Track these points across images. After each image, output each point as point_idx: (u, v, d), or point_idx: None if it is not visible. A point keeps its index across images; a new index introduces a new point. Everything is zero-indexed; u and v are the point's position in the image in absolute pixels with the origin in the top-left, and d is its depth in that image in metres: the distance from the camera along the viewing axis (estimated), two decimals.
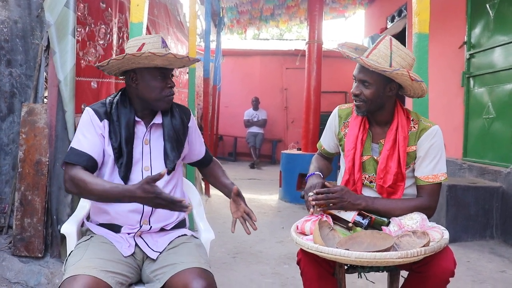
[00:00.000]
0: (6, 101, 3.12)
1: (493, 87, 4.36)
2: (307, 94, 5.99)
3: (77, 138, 1.76)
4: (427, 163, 1.82)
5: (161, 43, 1.80)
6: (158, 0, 4.89)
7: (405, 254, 1.44)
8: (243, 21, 9.10)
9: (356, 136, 1.89)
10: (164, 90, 1.79)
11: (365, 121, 1.91)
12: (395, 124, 1.85)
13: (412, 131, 1.85)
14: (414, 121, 1.87)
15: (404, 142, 1.82)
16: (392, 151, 1.83)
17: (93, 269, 1.53)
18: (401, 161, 1.81)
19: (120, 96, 1.84)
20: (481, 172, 4.30)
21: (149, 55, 1.68)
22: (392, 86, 1.80)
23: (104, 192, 1.60)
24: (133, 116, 1.80)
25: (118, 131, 1.75)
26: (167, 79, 1.81)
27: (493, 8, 4.37)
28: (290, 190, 5.81)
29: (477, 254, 3.59)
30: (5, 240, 2.97)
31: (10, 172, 3.11)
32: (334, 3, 8.22)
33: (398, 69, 1.70)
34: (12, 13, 3.08)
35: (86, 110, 1.80)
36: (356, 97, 1.83)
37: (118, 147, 1.74)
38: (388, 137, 1.84)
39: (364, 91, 1.80)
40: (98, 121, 1.76)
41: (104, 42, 3.21)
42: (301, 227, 1.79)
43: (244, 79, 11.53)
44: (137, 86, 1.80)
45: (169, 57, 1.70)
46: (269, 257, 3.53)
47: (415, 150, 1.84)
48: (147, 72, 1.77)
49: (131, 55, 1.70)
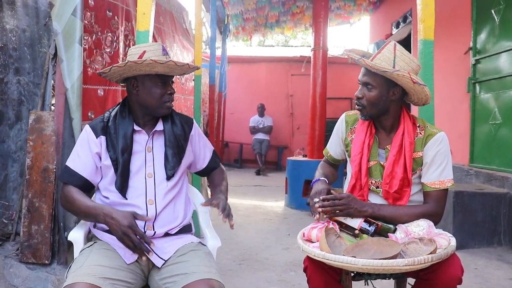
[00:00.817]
0: (14, 108, 3.15)
1: (499, 92, 4.35)
2: (313, 101, 5.99)
3: (72, 156, 1.86)
4: (434, 169, 1.82)
5: (161, 50, 1.84)
6: (164, 8, 4.93)
7: (412, 261, 1.43)
8: (249, 28, 9.15)
9: (363, 141, 1.90)
10: (164, 96, 1.84)
11: (371, 127, 1.91)
12: (401, 129, 1.85)
13: (418, 137, 1.85)
14: (420, 127, 1.88)
15: (410, 147, 1.82)
16: (398, 157, 1.83)
17: (91, 276, 1.53)
18: (407, 166, 1.81)
19: (119, 107, 1.90)
20: (488, 178, 4.28)
21: (150, 63, 1.74)
22: (396, 91, 1.81)
23: (86, 208, 1.73)
24: (131, 126, 1.84)
25: (116, 142, 1.81)
26: (167, 86, 1.86)
27: (498, 13, 4.36)
28: (296, 197, 5.79)
29: (484, 261, 3.56)
30: (12, 247, 2.98)
31: (17, 179, 3.13)
32: (339, 9, 8.25)
33: (399, 70, 1.71)
34: (20, 22, 3.12)
35: (85, 127, 1.88)
36: (358, 100, 1.85)
37: (116, 158, 1.79)
38: (394, 143, 1.85)
39: (366, 94, 1.82)
40: (94, 138, 1.83)
41: (111, 50, 3.23)
42: (307, 234, 1.79)
43: (249, 85, 11.55)
44: (138, 92, 1.85)
45: (170, 64, 1.76)
46: (275, 264, 3.52)
47: (421, 156, 1.84)
48: (148, 79, 1.82)
49: (133, 62, 1.75)
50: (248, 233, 4.43)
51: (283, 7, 7.83)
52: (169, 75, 1.86)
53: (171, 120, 1.91)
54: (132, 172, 1.82)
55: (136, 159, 1.83)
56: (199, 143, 2.04)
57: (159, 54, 1.82)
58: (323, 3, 6.01)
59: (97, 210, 1.70)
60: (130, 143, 1.82)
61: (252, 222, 4.96)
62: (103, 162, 1.81)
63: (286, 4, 7.71)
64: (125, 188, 1.80)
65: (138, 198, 1.80)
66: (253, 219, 5.11)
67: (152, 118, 1.89)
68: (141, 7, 2.37)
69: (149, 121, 1.89)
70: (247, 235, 4.35)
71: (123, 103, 1.91)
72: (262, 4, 7.65)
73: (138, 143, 1.85)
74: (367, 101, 1.82)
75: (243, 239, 4.21)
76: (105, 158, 1.81)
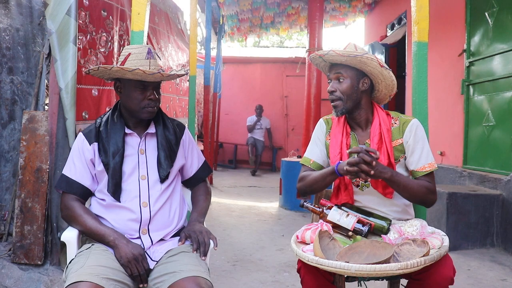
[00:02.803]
0: (7, 108, 3.13)
1: (493, 95, 4.37)
2: (307, 102, 6.01)
3: (68, 164, 1.87)
4: (419, 155, 1.87)
5: (146, 54, 1.81)
6: (159, 8, 4.92)
7: (404, 265, 1.43)
8: (244, 28, 9.16)
9: (340, 141, 1.93)
10: (142, 101, 1.81)
11: (346, 126, 1.96)
12: (376, 120, 1.91)
13: (394, 127, 1.91)
14: (394, 118, 1.94)
15: (388, 134, 1.88)
16: (380, 145, 1.87)
17: (95, 276, 1.54)
18: (389, 152, 1.85)
19: (111, 111, 1.89)
20: (481, 179, 4.30)
21: (118, 70, 1.74)
22: (365, 81, 1.90)
23: (95, 228, 1.75)
24: (122, 130, 1.84)
25: (107, 147, 1.81)
26: (147, 91, 1.81)
27: (492, 16, 4.39)
28: (290, 198, 5.80)
29: (477, 262, 3.58)
30: (4, 247, 2.96)
31: (10, 179, 3.11)
32: (334, 11, 8.27)
33: (367, 53, 1.80)
34: (14, 21, 3.10)
35: (78, 135, 1.89)
36: (332, 94, 1.90)
37: (108, 162, 1.79)
38: (373, 133, 1.89)
39: (339, 87, 1.88)
40: (87, 146, 1.84)
41: (105, 50, 3.22)
42: (301, 236, 1.79)
43: (244, 86, 11.56)
44: (121, 95, 1.86)
45: (138, 72, 1.72)
46: (269, 265, 3.52)
47: (401, 143, 1.89)
48: (128, 83, 1.81)
49: (104, 68, 1.76)
50: (242, 234, 4.42)
51: (278, 8, 7.85)
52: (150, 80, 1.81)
53: (163, 123, 1.91)
54: (125, 174, 1.81)
55: (129, 162, 1.83)
56: (190, 150, 2.03)
57: (142, 58, 1.80)
58: (318, 4, 6.03)
59: (107, 231, 1.73)
60: (121, 146, 1.81)
61: (246, 223, 4.96)
62: (97, 168, 1.82)
63: (281, 5, 7.72)
64: (118, 192, 1.79)
65: (132, 201, 1.80)
66: (247, 220, 5.11)
67: (141, 120, 1.88)
68: (136, 7, 2.35)
69: (139, 124, 1.88)
70: (241, 236, 4.34)
71: (115, 106, 1.91)
72: (258, 5, 7.66)
73: (131, 145, 1.85)
74: (341, 93, 1.87)
75: (237, 240, 4.20)
76: (98, 164, 1.82)
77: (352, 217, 1.78)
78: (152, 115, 1.86)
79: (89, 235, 1.78)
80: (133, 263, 1.66)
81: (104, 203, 1.81)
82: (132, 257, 1.66)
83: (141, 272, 1.66)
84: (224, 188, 7.62)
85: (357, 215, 1.82)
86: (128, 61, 1.79)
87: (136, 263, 1.66)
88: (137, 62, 1.78)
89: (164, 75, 1.78)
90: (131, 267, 1.65)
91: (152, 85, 1.82)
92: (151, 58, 1.82)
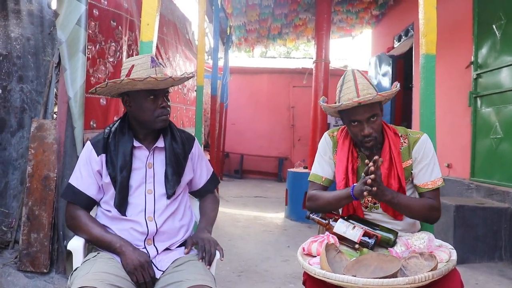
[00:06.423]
0: (16, 116, 3.15)
1: (501, 107, 4.36)
2: (314, 112, 6.01)
3: (75, 174, 1.85)
4: (424, 171, 1.85)
5: (150, 62, 1.78)
6: (168, 19, 4.97)
7: (412, 280, 1.42)
8: (251, 39, 9.21)
9: (345, 167, 1.89)
10: (156, 110, 1.79)
11: (352, 150, 1.92)
12: (387, 143, 1.87)
13: (404, 147, 1.88)
14: (403, 136, 1.90)
15: (399, 157, 1.84)
16: (390, 169, 1.84)
17: (100, 282, 1.54)
18: (400, 176, 1.83)
19: (119, 123, 1.87)
20: (489, 192, 4.27)
21: (128, 81, 1.70)
22: (381, 108, 1.86)
23: (100, 235, 1.75)
24: (131, 143, 1.81)
25: (115, 160, 1.79)
26: (159, 100, 1.80)
27: (500, 28, 4.39)
28: (296, 209, 5.78)
29: (485, 276, 3.53)
30: (11, 255, 2.97)
31: (18, 187, 3.13)
32: (342, 22, 8.30)
33: (396, 87, 1.81)
34: (25, 30, 3.14)
35: (86, 144, 1.87)
36: (370, 136, 1.80)
37: (115, 176, 1.78)
38: (384, 157, 1.85)
39: (373, 127, 1.80)
40: (95, 156, 1.82)
41: (114, 59, 3.25)
42: (307, 248, 1.78)
43: (251, 96, 11.59)
44: (131, 108, 1.82)
45: (150, 80, 1.70)
46: (274, 276, 3.50)
47: (411, 163, 1.87)
48: (138, 95, 1.78)
49: (112, 83, 1.73)
50: (247, 245, 4.40)
51: (286, 19, 7.89)
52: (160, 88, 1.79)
53: (171, 136, 1.88)
54: (132, 188, 1.81)
55: (137, 175, 1.81)
56: (199, 163, 2.01)
57: (147, 67, 1.76)
58: (326, 15, 6.05)
59: (114, 238, 1.73)
60: (129, 160, 1.79)
61: (251, 233, 4.94)
62: (104, 180, 1.81)
63: (288, 16, 7.77)
64: (124, 206, 1.78)
65: (138, 215, 1.79)
66: (252, 230, 5.10)
67: (152, 132, 1.86)
68: (146, 17, 2.37)
69: (149, 136, 1.86)
70: (247, 247, 4.32)
71: (123, 118, 1.89)
72: (265, 16, 7.71)
73: (139, 159, 1.83)
74: (377, 132, 1.81)
75: (242, 250, 4.18)
76: (105, 176, 1.80)
77: (359, 229, 1.77)
78: (166, 124, 1.84)
79: (95, 243, 1.78)
80: (139, 270, 1.65)
81: (110, 214, 1.81)
82: (138, 264, 1.66)
83: (146, 280, 1.66)
84: (230, 198, 7.61)
85: (364, 227, 1.80)
86: (133, 73, 1.76)
87: (142, 270, 1.66)
88: (142, 72, 1.74)
89: (176, 79, 1.78)
90: (137, 274, 1.65)
91: (162, 92, 1.81)
92: (156, 66, 1.79)
